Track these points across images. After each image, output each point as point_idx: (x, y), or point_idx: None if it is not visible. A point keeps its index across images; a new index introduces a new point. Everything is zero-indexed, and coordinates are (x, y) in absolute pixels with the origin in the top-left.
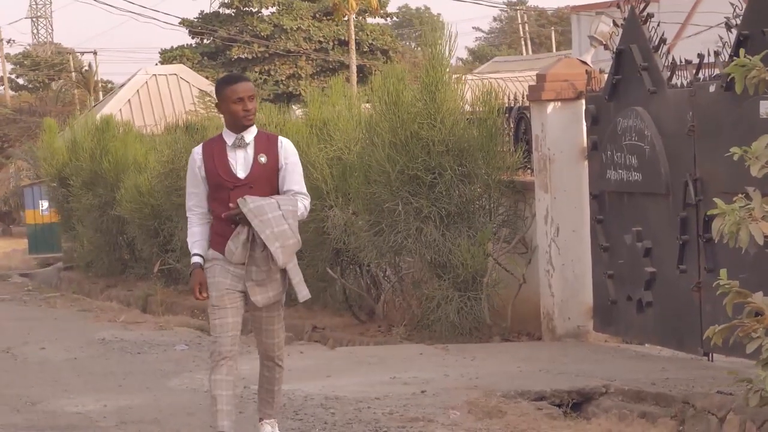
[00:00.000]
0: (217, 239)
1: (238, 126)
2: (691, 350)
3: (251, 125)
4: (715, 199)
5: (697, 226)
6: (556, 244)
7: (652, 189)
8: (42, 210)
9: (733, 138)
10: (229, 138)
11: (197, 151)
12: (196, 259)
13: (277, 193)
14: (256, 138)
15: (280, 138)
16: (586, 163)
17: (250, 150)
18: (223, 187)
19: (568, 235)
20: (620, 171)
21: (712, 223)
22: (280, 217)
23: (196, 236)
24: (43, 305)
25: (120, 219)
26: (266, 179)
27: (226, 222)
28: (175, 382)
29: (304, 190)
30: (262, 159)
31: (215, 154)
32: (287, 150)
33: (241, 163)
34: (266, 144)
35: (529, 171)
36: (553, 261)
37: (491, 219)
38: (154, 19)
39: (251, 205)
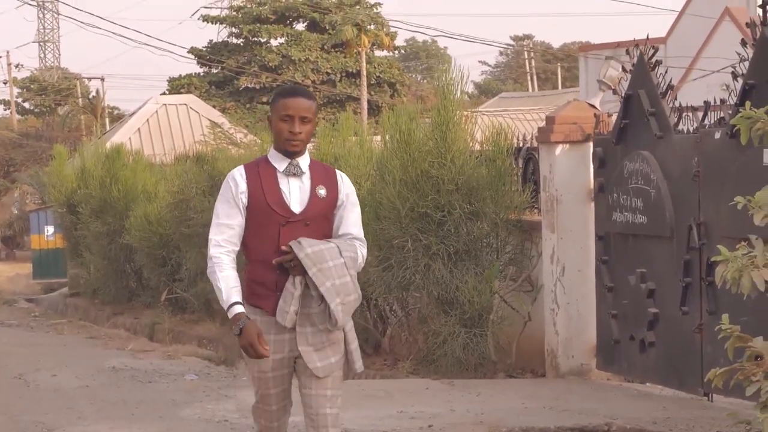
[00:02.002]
0: (256, 290)
1: (281, 150)
2: (691, 390)
3: (297, 152)
4: (718, 246)
5: (700, 269)
6: (562, 283)
7: (657, 232)
8: (47, 235)
9: (737, 184)
10: (280, 163)
11: (239, 173)
12: (239, 309)
13: (331, 235)
14: (311, 167)
15: (338, 171)
16: (592, 204)
17: (306, 180)
18: (271, 223)
19: (573, 275)
20: (626, 213)
21: (714, 266)
22: (342, 266)
23: (232, 281)
24: (51, 332)
25: (128, 247)
26: (324, 216)
27: (268, 267)
28: (187, 411)
29: (362, 235)
30: (321, 192)
31: (264, 179)
32: (347, 185)
33: (296, 194)
34: (324, 175)
35: (536, 211)
36: (558, 299)
37: (498, 257)
38: (168, 51)
39: (309, 249)
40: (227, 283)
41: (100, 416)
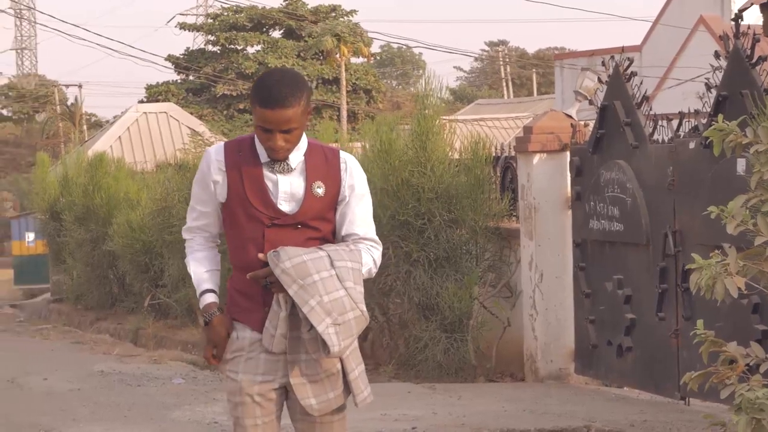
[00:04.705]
0: (240, 302)
1: None
2: (668, 394)
3: (283, 159)
4: (693, 255)
5: (675, 276)
6: (540, 289)
7: (633, 239)
8: (28, 242)
9: (711, 193)
10: (264, 153)
11: (217, 156)
12: (210, 298)
13: (333, 235)
14: (308, 155)
15: (343, 155)
16: (569, 212)
17: (299, 173)
18: (254, 223)
19: (551, 281)
20: (602, 221)
21: (689, 274)
22: (333, 279)
23: (204, 264)
24: (37, 337)
25: (111, 254)
26: (320, 218)
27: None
28: (177, 413)
29: (373, 234)
30: (319, 190)
31: (244, 169)
32: (353, 174)
33: (285, 190)
34: (323, 165)
35: (514, 218)
36: (536, 305)
37: (477, 264)
38: (148, 60)
39: (287, 263)
40: (197, 268)
41: (94, 418)
